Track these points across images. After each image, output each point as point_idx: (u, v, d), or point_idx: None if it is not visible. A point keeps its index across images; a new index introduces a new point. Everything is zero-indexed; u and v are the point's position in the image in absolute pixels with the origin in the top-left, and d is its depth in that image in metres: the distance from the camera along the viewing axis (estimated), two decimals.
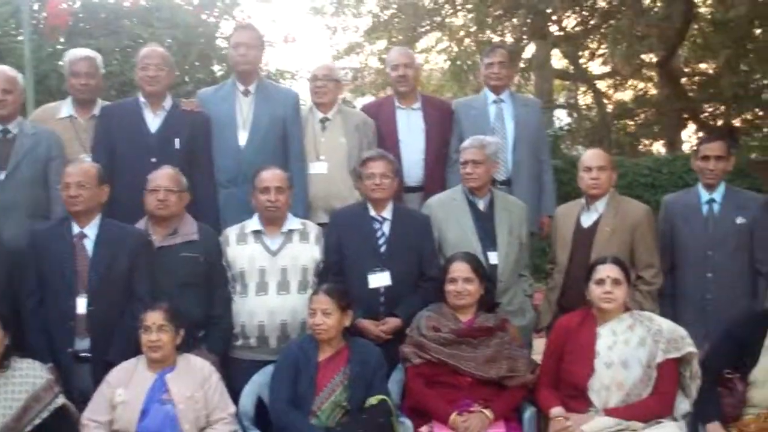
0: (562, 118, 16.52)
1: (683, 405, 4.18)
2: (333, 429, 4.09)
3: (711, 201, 4.93)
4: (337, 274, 4.75)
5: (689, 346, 4.14)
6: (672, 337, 4.15)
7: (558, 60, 16.03)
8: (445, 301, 4.45)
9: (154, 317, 4.08)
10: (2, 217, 4.69)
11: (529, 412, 4.31)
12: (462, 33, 13.43)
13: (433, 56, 15.59)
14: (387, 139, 5.59)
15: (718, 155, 4.88)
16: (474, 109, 5.79)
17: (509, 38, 11.22)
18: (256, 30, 5.46)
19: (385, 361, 4.32)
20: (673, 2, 11.21)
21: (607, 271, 4.26)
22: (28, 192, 4.76)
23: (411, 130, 5.65)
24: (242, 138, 5.21)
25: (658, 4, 11.58)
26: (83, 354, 4.32)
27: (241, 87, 5.31)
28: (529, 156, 5.68)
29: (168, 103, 5.16)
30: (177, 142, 5.05)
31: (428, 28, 14.32)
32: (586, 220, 4.97)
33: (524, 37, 11.29)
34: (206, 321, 4.60)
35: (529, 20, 11.16)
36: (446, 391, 4.28)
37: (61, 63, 7.99)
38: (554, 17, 10.91)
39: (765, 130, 14.96)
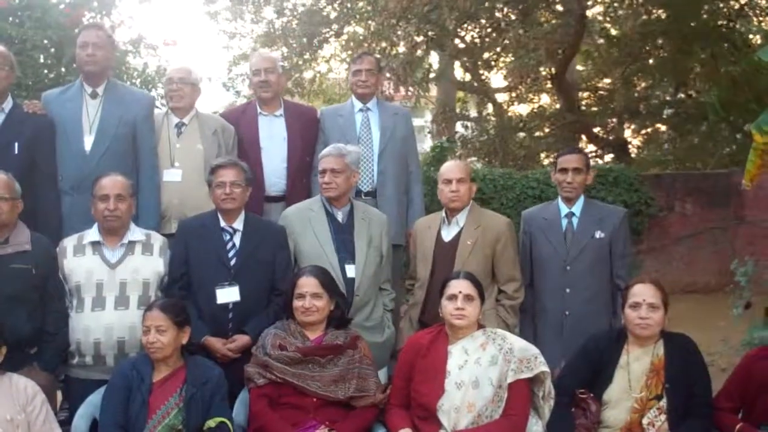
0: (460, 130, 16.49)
1: (536, 427, 4.04)
2: None
3: (570, 215, 4.84)
4: (183, 288, 4.50)
5: (541, 366, 3.99)
6: (524, 357, 4.00)
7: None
8: (293, 317, 4.23)
9: None
10: None
11: None
12: (353, 43, 13.25)
13: (336, 65, 15.45)
14: (248, 147, 5.38)
15: (576, 167, 4.79)
16: (340, 117, 5.61)
17: (402, 48, 11.08)
18: (105, 29, 5.17)
19: (225, 382, 4.06)
20: (564, 16, 11.27)
21: (459, 286, 4.10)
22: None
23: (273, 137, 5.44)
24: (88, 143, 4.89)
25: (552, 20, 11.64)
26: None
27: (88, 89, 5.00)
28: (395, 166, 5.52)
29: (8, 104, 4.82)
30: (16, 146, 4.72)
31: (325, 36, 14.12)
32: (447, 234, 4.82)
33: (417, 47, 11.15)
34: (38, 337, 4.27)
35: (427, 31, 11.04)
36: (291, 413, 4.06)
37: None
38: (450, 28, 10.79)
39: (665, 145, 15.24)
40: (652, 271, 10.80)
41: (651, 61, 13.20)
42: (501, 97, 15.57)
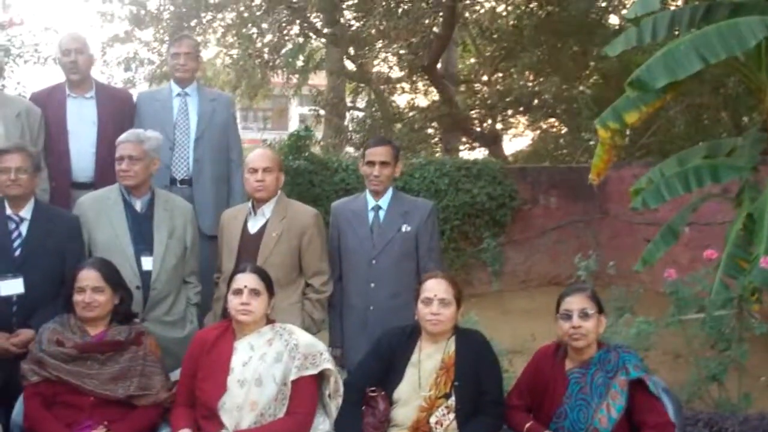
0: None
1: (323, 426, 3.92)
2: None
3: (377, 208, 4.72)
4: None
5: (326, 363, 3.87)
6: (309, 353, 3.87)
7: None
8: (74, 312, 4.00)
9: None
10: None
11: None
12: (224, 29, 12.98)
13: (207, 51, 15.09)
14: (55, 131, 5.13)
15: (383, 161, 4.67)
16: (157, 101, 5.41)
17: (269, 36, 10.85)
18: None
19: None
20: (437, 7, 11.22)
21: (246, 280, 3.94)
22: None
23: (82, 120, 5.20)
24: None
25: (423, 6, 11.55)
26: None
27: None
28: (213, 154, 5.35)
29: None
30: None
31: (200, 21, 13.77)
32: (253, 225, 4.66)
33: (285, 34, 10.95)
34: None
35: (295, 20, 10.86)
36: (67, 413, 3.85)
37: None
38: (320, 15, 10.64)
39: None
40: (517, 263, 10.94)
41: (530, 54, 13.28)
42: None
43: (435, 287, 3.98)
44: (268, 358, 3.86)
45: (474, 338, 4.06)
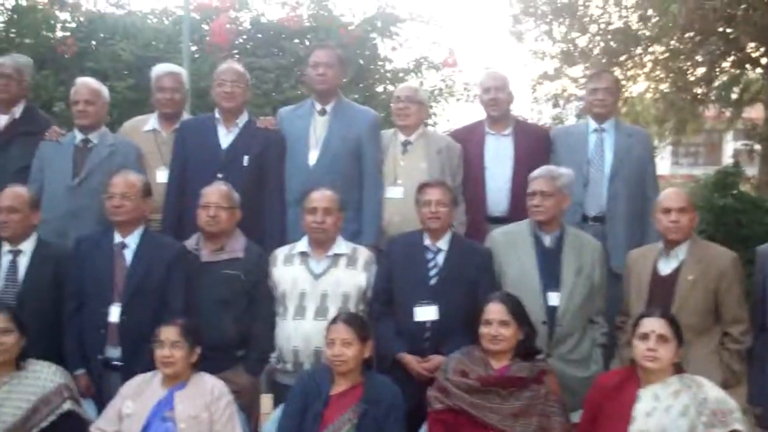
0: None
1: None
2: None
3: None
4: (385, 304, 4.53)
5: (737, 423, 3.52)
6: (719, 409, 3.55)
7: None
8: (479, 343, 4.09)
9: (168, 332, 4.03)
10: (72, 222, 4.88)
11: None
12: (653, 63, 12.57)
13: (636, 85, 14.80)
14: (473, 166, 5.31)
15: None
16: (572, 136, 5.37)
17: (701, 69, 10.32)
18: (334, 50, 5.36)
19: (403, 403, 4.00)
20: None
21: (652, 325, 3.73)
22: (99, 199, 4.86)
23: (499, 156, 5.33)
24: (312, 157, 5.10)
25: None
26: (114, 362, 4.36)
27: (318, 106, 5.21)
28: (627, 191, 5.16)
29: (243, 119, 5.15)
30: (245, 159, 5.03)
31: (630, 55, 13.55)
32: (665, 267, 4.41)
33: (718, 66, 10.34)
34: (244, 341, 4.51)
35: (728, 50, 10.24)
36: None
37: None
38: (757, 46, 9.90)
39: None
40: None
41: None
42: None
43: None
44: (673, 411, 3.61)
45: None
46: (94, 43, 8.43)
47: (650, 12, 12.18)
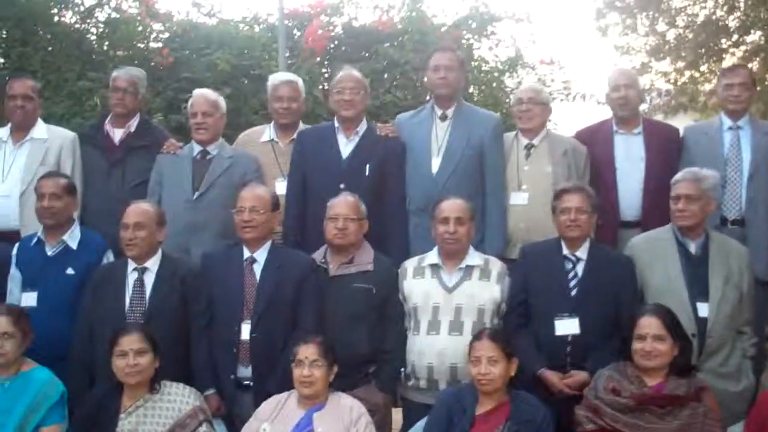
0: None
1: None
2: None
3: None
4: (522, 317, 4.33)
5: None
6: None
7: None
8: (630, 359, 3.86)
9: (307, 351, 3.90)
10: (192, 237, 4.80)
11: None
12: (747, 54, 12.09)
13: None
14: (602, 168, 5.07)
15: None
16: (706, 135, 5.10)
17: None
18: (456, 52, 5.15)
19: (552, 422, 3.81)
20: None
21: None
22: (219, 213, 4.79)
23: (630, 157, 5.08)
24: (435, 165, 4.91)
25: None
26: (246, 382, 4.24)
27: (438, 111, 5.02)
28: None
29: (362, 127, 4.99)
30: (368, 168, 4.87)
31: (720, 47, 13.07)
32: None
33: None
34: (376, 357, 4.36)
35: None
36: None
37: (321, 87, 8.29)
38: None
39: None
40: None
41: None
42: None
43: None
44: None
45: None
46: (187, 52, 8.38)
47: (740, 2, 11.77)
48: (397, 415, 4.55)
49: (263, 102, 7.99)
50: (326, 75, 8.49)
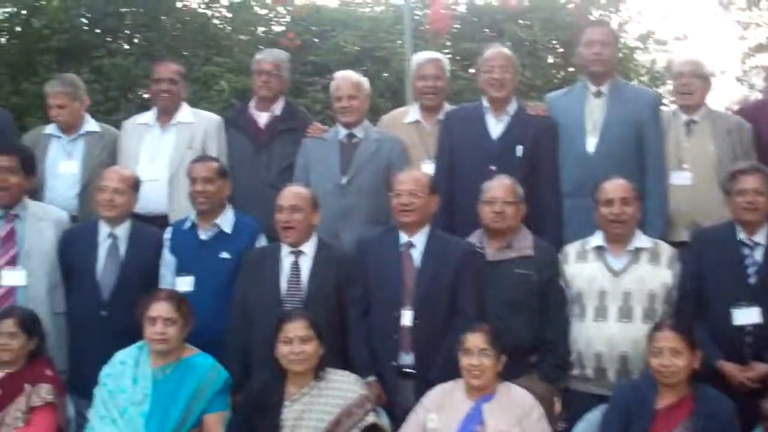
0: None
1: None
2: None
3: None
4: (695, 306, 4.09)
5: None
6: None
7: None
8: None
9: (474, 340, 3.74)
10: (342, 222, 4.70)
11: None
12: None
13: None
14: None
15: None
16: None
17: None
18: (610, 26, 4.94)
19: (736, 418, 3.58)
20: None
21: None
22: (368, 198, 4.70)
23: None
24: (591, 144, 4.68)
25: None
26: (407, 369, 4.10)
27: (592, 88, 4.78)
28: None
29: (513, 107, 4.79)
30: (519, 149, 4.67)
31: None
32: None
33: None
34: (538, 346, 4.19)
35: None
36: None
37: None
38: None
39: None
40: None
41: None
42: None
43: None
44: None
45: None
46: (311, 36, 8.31)
47: None
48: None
49: (388, 84, 7.94)
50: (449, 56, 8.29)
